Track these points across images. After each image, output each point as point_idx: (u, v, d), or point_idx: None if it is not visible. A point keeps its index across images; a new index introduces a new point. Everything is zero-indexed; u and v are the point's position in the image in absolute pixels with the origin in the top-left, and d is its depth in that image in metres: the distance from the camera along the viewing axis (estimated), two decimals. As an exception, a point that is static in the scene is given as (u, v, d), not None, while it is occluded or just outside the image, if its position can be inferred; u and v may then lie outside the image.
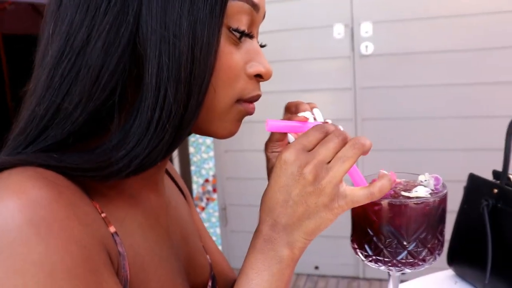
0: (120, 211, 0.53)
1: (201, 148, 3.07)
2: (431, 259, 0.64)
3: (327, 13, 2.60)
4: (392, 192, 0.64)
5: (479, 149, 2.36)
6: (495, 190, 0.85)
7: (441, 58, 2.44)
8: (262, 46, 0.62)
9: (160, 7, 0.47)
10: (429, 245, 0.63)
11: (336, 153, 0.52)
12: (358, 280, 2.84)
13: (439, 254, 0.66)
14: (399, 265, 0.63)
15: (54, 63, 0.47)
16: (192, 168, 3.12)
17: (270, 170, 0.66)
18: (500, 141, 0.85)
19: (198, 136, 3.06)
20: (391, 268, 0.64)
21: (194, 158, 3.11)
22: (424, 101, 2.52)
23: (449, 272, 0.99)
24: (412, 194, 0.64)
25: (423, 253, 0.63)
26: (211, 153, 3.06)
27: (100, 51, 0.46)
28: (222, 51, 0.52)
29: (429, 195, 0.64)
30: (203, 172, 3.11)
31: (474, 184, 0.91)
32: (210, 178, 3.10)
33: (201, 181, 3.13)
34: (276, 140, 0.66)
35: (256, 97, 0.60)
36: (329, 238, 2.76)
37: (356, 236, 0.66)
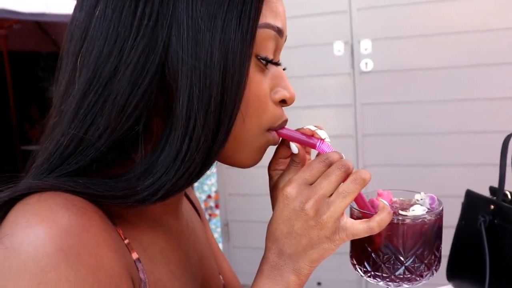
0: (143, 237, 0.54)
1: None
2: (429, 275, 0.66)
3: (327, 31, 2.64)
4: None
5: (478, 164, 2.37)
6: (492, 206, 0.87)
7: (439, 75, 2.47)
8: (283, 69, 0.62)
9: (191, 38, 0.47)
10: (426, 261, 0.65)
11: (338, 186, 0.53)
12: (361, 296, 2.84)
13: (436, 270, 0.68)
14: (397, 280, 0.65)
15: (81, 95, 0.47)
16: (195, 184, 3.14)
17: (272, 188, 0.66)
18: (497, 156, 0.87)
19: (200, 152, 3.07)
20: (389, 283, 0.66)
21: (196, 174, 3.12)
22: (423, 117, 2.54)
23: (449, 287, 1.00)
24: (410, 213, 0.66)
25: (421, 269, 0.65)
26: (214, 169, 3.07)
27: (128, 82, 0.46)
28: (252, 79, 0.52)
29: (425, 214, 0.66)
30: (206, 188, 3.12)
31: (471, 200, 0.93)
32: (213, 194, 3.11)
33: (203, 197, 3.14)
34: (279, 158, 0.67)
35: (284, 123, 0.60)
36: (332, 255, 2.75)
37: (355, 252, 0.68)
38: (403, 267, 0.64)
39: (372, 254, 0.65)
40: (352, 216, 0.65)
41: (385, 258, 0.64)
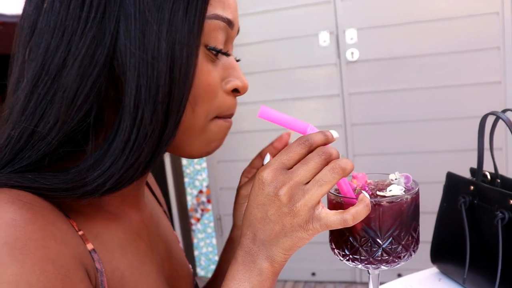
0: (99, 228, 0.54)
1: (193, 160, 3.09)
2: (406, 256, 0.67)
3: (312, 22, 2.64)
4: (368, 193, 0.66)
5: (465, 150, 2.39)
6: (472, 187, 0.87)
7: (425, 62, 2.48)
8: (236, 60, 0.63)
9: (138, 30, 0.47)
10: (403, 242, 0.65)
11: (316, 173, 0.51)
12: (356, 285, 2.86)
13: (414, 251, 0.68)
14: (375, 262, 0.66)
15: (30, 87, 0.47)
16: (186, 180, 3.14)
17: (238, 191, 0.72)
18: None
19: (190, 148, 3.07)
20: (367, 266, 0.67)
21: (187, 170, 3.13)
22: (411, 104, 2.55)
23: (434, 270, 1.01)
24: (388, 193, 0.67)
25: (398, 250, 0.65)
26: (204, 164, 3.08)
27: (76, 74, 0.46)
28: (200, 69, 0.53)
29: (404, 193, 0.66)
30: (197, 183, 3.12)
31: (452, 182, 0.94)
32: (204, 189, 3.12)
33: (195, 192, 3.14)
34: (253, 167, 0.69)
35: (233, 114, 0.62)
36: (325, 245, 2.76)
37: (333, 236, 0.69)
38: (381, 249, 0.65)
39: (350, 237, 0.66)
40: (329, 200, 0.66)
41: (362, 241, 0.65)
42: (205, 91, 0.54)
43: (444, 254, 0.96)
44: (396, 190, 0.66)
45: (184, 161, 3.11)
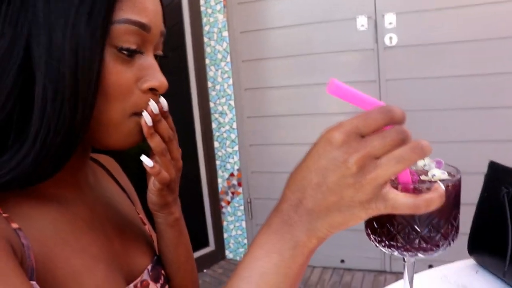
0: (27, 210, 0.57)
1: (225, 142, 3.10)
2: (445, 245, 0.65)
3: (350, 6, 2.59)
4: (413, 178, 0.64)
5: (509, 140, 2.31)
6: (515, 178, 0.84)
7: (466, 48, 2.40)
8: (165, 56, 0.66)
9: (45, 35, 0.51)
10: (442, 230, 0.63)
11: (391, 150, 0.45)
12: (385, 274, 2.82)
13: (453, 240, 0.66)
14: (413, 250, 0.64)
15: None
16: (217, 162, 3.15)
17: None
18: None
19: (222, 130, 3.09)
20: (404, 253, 0.65)
21: (219, 153, 3.14)
22: (450, 92, 2.48)
23: (470, 261, 0.98)
24: (433, 178, 0.64)
25: (436, 238, 0.63)
26: (236, 148, 3.08)
27: None
28: (110, 70, 0.55)
29: (449, 177, 0.64)
30: (228, 166, 3.13)
31: (494, 172, 0.91)
32: (235, 172, 3.12)
33: (226, 175, 3.15)
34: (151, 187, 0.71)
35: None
36: (355, 232, 2.74)
37: (369, 222, 0.67)
38: (419, 237, 0.63)
39: (387, 223, 0.64)
40: None
41: (400, 228, 0.63)
42: (116, 90, 0.57)
43: (482, 245, 0.93)
44: (439, 175, 0.63)
45: (216, 143, 3.12)
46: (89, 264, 0.60)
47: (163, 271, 0.78)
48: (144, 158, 0.65)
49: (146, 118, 0.61)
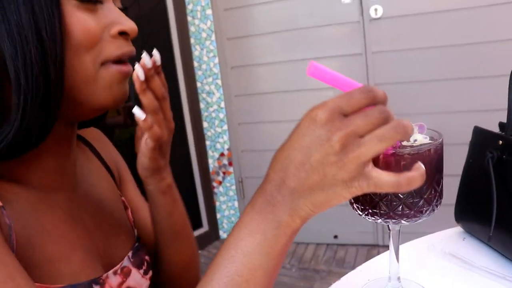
0: (9, 194, 0.57)
1: (214, 122, 3.08)
2: (429, 211, 0.64)
3: (334, -22, 2.54)
4: (395, 143, 0.63)
5: (493, 109, 2.30)
6: (500, 142, 0.82)
7: (453, 17, 2.37)
8: (124, 9, 0.64)
9: (0, 8, 0.51)
10: (425, 196, 0.62)
11: (374, 129, 0.46)
12: (378, 248, 2.85)
13: (437, 206, 0.65)
14: (396, 217, 0.63)
15: None
16: (207, 143, 3.13)
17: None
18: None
19: (210, 110, 3.06)
20: (387, 220, 0.64)
21: (208, 133, 3.12)
22: (436, 63, 2.46)
23: (458, 229, 0.97)
24: (414, 143, 0.63)
25: (419, 204, 0.62)
26: (225, 127, 3.06)
27: None
28: (74, 21, 0.55)
29: (431, 142, 0.63)
30: (218, 146, 3.12)
31: (479, 137, 0.89)
32: (225, 152, 3.11)
33: (216, 155, 3.14)
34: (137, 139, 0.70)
35: (126, 55, 0.61)
36: (348, 207, 2.73)
37: (352, 190, 0.66)
38: (401, 203, 0.62)
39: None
40: None
41: (382, 195, 0.62)
42: (83, 40, 0.56)
43: (469, 213, 0.92)
44: (420, 139, 0.62)
45: (205, 123, 3.10)
46: (66, 252, 0.61)
47: (146, 257, 0.78)
48: (136, 110, 0.64)
49: (139, 71, 0.61)
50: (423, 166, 0.50)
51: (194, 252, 0.85)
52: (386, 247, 2.92)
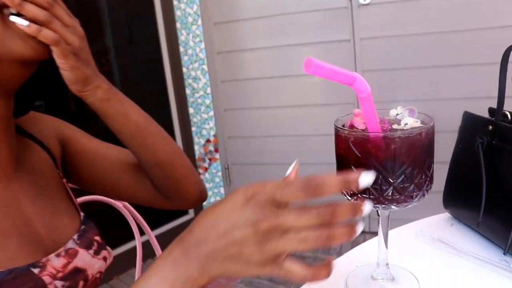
0: None
1: (200, 108, 3.04)
2: (419, 195, 0.62)
3: (323, -38, 2.51)
4: (385, 127, 0.62)
5: (483, 97, 2.31)
6: (490, 127, 0.81)
7: (443, 4, 2.36)
8: None
9: None
10: (416, 181, 0.61)
11: (303, 229, 0.46)
12: (364, 234, 2.85)
13: (427, 191, 0.64)
14: (386, 202, 0.61)
15: None
16: (193, 129, 3.10)
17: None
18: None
19: (196, 96, 3.03)
20: (377, 206, 0.62)
21: (194, 119, 3.09)
22: (426, 49, 2.45)
23: (446, 215, 0.97)
24: (404, 126, 0.62)
25: (410, 189, 0.61)
26: (211, 113, 3.03)
27: None
28: None
29: (422, 125, 0.62)
30: (204, 132, 3.09)
31: (469, 122, 0.88)
32: (212, 138, 3.08)
33: (202, 141, 3.11)
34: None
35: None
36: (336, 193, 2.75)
37: (341, 174, 0.64)
38: (392, 188, 0.60)
39: (358, 175, 0.61)
40: (343, 139, 0.61)
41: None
42: None
43: (457, 198, 0.91)
44: (411, 123, 0.60)
45: (191, 109, 3.06)
46: (0, 239, 0.61)
47: (96, 238, 0.78)
48: (14, 18, 0.58)
49: None
50: (333, 262, 0.50)
51: (173, 147, 0.85)
52: (373, 234, 2.92)
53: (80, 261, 0.72)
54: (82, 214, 0.80)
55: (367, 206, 0.48)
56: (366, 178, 0.47)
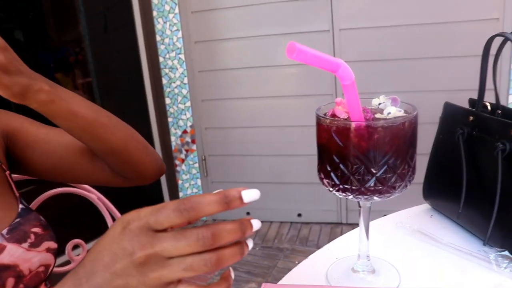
0: None
1: (177, 98, 3.00)
2: (401, 186, 0.61)
3: (302, -48, 2.49)
4: (368, 116, 0.60)
5: (462, 89, 2.32)
6: (471, 118, 0.81)
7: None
8: None
9: None
10: (398, 171, 0.59)
11: (185, 254, 0.43)
12: (341, 226, 2.87)
13: (410, 181, 0.62)
14: (368, 193, 0.60)
15: None
16: (169, 119, 3.05)
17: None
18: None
19: (173, 86, 2.98)
20: (359, 196, 0.61)
21: (170, 110, 3.04)
22: (405, 41, 2.46)
23: (426, 206, 0.97)
24: (387, 116, 0.60)
25: (393, 180, 0.59)
26: (188, 104, 2.98)
27: None
28: None
29: (405, 114, 0.60)
30: (181, 123, 3.04)
31: (450, 113, 0.88)
32: (188, 129, 3.04)
33: (179, 132, 3.07)
34: None
35: None
36: (311, 185, 2.76)
37: (322, 165, 0.62)
38: (374, 178, 0.59)
39: (341, 165, 0.59)
40: (325, 127, 0.59)
41: (354, 169, 0.58)
42: None
43: (437, 189, 0.91)
44: (394, 112, 0.59)
45: (168, 100, 3.01)
46: None
47: (35, 229, 0.74)
48: None
49: None
50: (233, 276, 0.48)
51: (126, 132, 0.82)
52: (350, 225, 2.95)
53: (8, 257, 0.68)
54: (21, 206, 0.77)
55: (256, 223, 0.45)
56: (250, 193, 0.44)
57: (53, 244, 0.77)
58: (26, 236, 0.72)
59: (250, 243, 0.45)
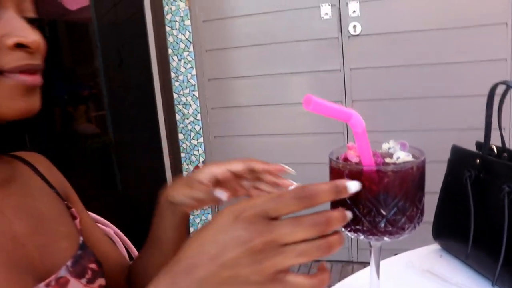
0: None
1: (190, 134, 3.05)
2: (410, 228, 0.64)
3: (314, -6, 2.57)
4: (378, 161, 0.63)
5: (470, 128, 2.35)
6: (478, 161, 0.84)
7: (429, 37, 2.42)
8: (34, 20, 0.62)
9: None
10: (407, 213, 0.62)
11: (299, 241, 0.44)
12: (352, 264, 2.85)
13: (418, 223, 0.65)
14: (378, 234, 0.62)
15: None
16: (182, 155, 3.10)
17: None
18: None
19: (186, 122, 3.03)
20: (370, 237, 0.63)
21: (183, 145, 3.09)
22: (414, 80, 2.50)
23: (435, 246, 0.98)
24: (398, 160, 0.63)
25: (402, 221, 0.62)
26: (201, 139, 3.04)
27: None
28: None
29: (414, 160, 0.63)
30: (193, 159, 3.09)
31: (457, 155, 0.90)
32: (201, 165, 3.08)
33: (191, 168, 3.11)
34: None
35: (23, 67, 0.59)
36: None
37: (335, 207, 0.65)
38: (384, 220, 0.61)
39: (353, 207, 0.62)
40: (337, 170, 0.62)
41: (365, 211, 0.61)
42: None
43: (446, 230, 0.93)
44: (403, 157, 0.62)
45: (181, 135, 3.07)
46: None
47: (91, 265, 0.75)
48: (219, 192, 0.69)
49: None
50: (328, 267, 0.52)
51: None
52: (361, 264, 2.93)
53: None
54: (81, 238, 0.77)
55: (349, 214, 0.50)
56: (353, 185, 0.49)
57: (103, 281, 0.76)
58: (84, 271, 0.72)
59: (343, 234, 0.49)
